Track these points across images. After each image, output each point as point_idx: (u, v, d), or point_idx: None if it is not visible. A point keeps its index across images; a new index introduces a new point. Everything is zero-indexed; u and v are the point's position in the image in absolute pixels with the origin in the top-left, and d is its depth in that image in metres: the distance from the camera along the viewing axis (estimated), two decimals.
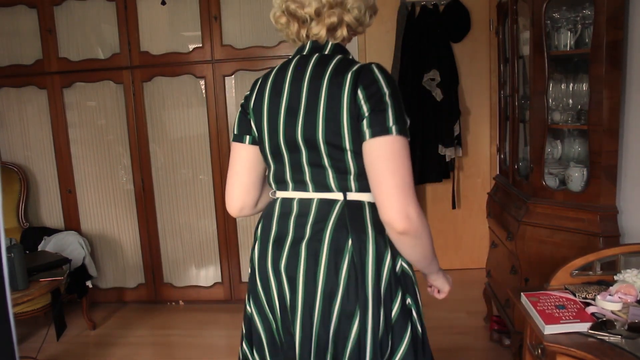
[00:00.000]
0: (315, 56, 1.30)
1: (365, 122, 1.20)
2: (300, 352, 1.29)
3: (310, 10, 1.28)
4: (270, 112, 1.32)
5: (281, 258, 1.32)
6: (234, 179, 1.44)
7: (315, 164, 1.28)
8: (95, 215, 3.59)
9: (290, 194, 1.35)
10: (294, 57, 1.35)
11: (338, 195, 1.29)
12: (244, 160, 1.42)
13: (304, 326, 1.28)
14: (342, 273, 1.25)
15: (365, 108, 1.20)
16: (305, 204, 1.32)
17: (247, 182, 1.43)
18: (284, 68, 1.34)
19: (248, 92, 1.42)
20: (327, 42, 1.31)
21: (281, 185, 1.37)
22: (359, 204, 1.28)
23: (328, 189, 1.29)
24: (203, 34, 3.30)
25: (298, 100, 1.27)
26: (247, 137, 1.40)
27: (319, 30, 1.29)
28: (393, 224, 1.19)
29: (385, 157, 1.20)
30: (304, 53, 1.33)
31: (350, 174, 1.26)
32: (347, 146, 1.23)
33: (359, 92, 1.20)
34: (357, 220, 1.27)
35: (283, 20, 1.34)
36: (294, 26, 1.33)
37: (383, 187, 1.19)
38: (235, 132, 1.42)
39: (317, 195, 1.31)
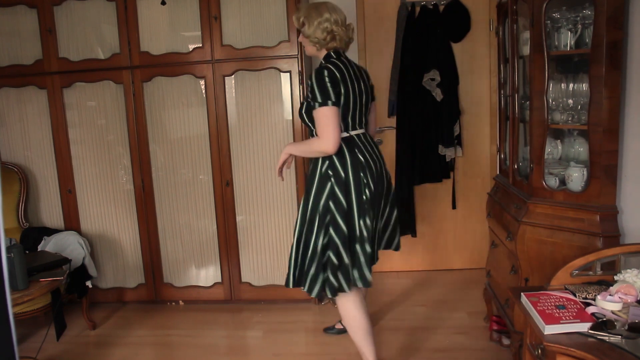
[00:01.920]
0: (347, 57, 2.48)
1: (371, 92, 2.59)
2: (388, 216, 2.58)
3: (352, 36, 2.50)
4: (352, 86, 2.35)
5: (378, 164, 2.44)
6: (337, 130, 2.26)
7: (365, 113, 2.49)
8: (95, 216, 3.59)
9: (358, 131, 2.43)
10: (341, 55, 2.44)
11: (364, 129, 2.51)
12: (338, 117, 2.28)
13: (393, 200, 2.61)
14: None
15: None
16: (365, 135, 2.48)
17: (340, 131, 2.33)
18: (345, 61, 2.40)
19: (337, 76, 2.29)
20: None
21: (354, 126, 2.41)
22: None
23: (365, 126, 2.52)
24: (203, 34, 3.30)
25: (361, 80, 2.44)
26: (338, 103, 2.29)
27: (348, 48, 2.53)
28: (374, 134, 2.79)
29: (375, 109, 2.79)
30: (344, 54, 2.47)
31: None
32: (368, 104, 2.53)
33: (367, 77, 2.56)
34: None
35: (329, 38, 2.39)
36: (339, 42, 2.41)
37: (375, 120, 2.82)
38: (333, 100, 2.25)
39: (362, 130, 2.47)
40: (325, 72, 2.27)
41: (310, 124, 2.38)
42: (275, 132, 3.36)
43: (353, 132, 2.39)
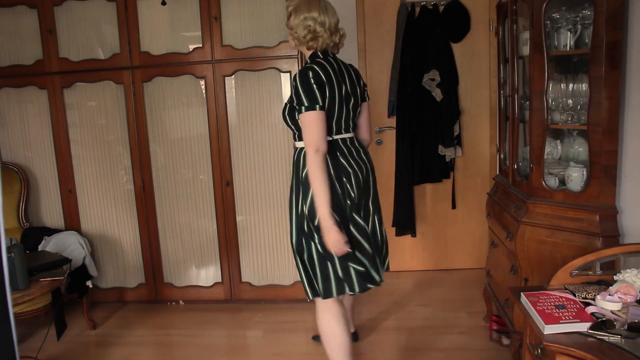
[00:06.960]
0: (334, 56, 2.36)
1: (363, 91, 2.47)
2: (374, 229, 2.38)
3: (340, 42, 2.38)
4: (339, 88, 2.20)
5: (364, 170, 2.30)
6: (324, 135, 2.12)
7: (353, 117, 2.32)
8: (96, 215, 3.59)
9: (343, 135, 2.27)
10: (328, 54, 2.28)
11: None
12: (324, 122, 2.13)
13: None
14: None
15: None
16: (352, 140, 2.31)
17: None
18: (331, 61, 2.25)
19: (323, 78, 2.14)
20: None
21: (340, 130, 2.25)
22: None
23: (353, 130, 2.34)
24: (203, 34, 3.30)
25: (349, 81, 2.29)
26: (324, 107, 2.14)
27: (338, 51, 2.41)
28: None
29: (368, 109, 2.55)
30: (332, 54, 2.32)
31: None
32: None
33: None
34: None
35: (309, 38, 2.25)
36: (320, 46, 2.26)
37: None
38: (320, 104, 2.11)
39: (350, 134, 2.31)
40: (311, 74, 2.12)
41: (292, 127, 2.25)
42: (275, 132, 3.36)
43: (337, 137, 2.24)
